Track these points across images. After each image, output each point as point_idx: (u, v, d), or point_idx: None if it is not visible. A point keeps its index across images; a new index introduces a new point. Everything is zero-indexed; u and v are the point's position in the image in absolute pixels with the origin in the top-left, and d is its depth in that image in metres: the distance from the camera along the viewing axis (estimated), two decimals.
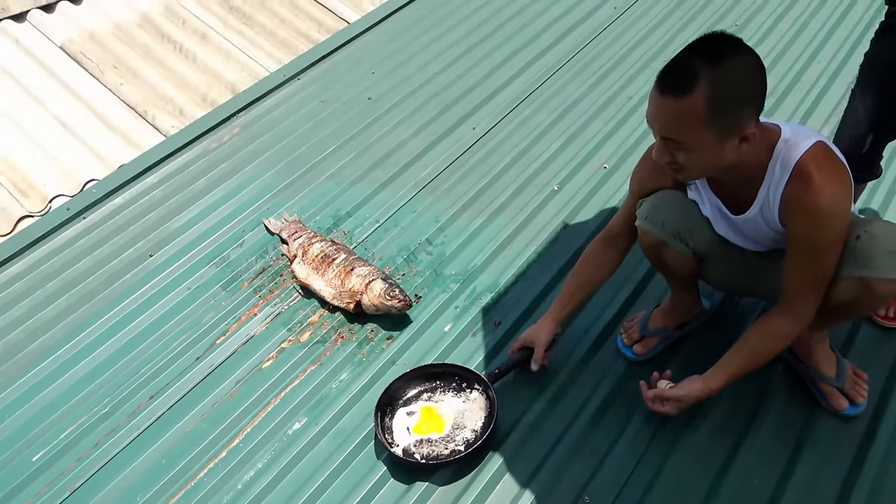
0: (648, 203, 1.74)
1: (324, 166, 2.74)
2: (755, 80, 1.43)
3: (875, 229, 1.53)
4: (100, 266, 2.43)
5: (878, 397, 1.85)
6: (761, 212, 1.58)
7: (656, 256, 1.81)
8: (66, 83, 3.74)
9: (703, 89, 1.37)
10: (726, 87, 1.37)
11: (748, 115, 1.43)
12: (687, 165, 1.48)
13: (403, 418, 1.91)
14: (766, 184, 1.53)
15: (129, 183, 2.74)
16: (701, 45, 1.42)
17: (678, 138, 1.44)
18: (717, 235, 1.74)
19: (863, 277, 1.53)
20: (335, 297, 2.19)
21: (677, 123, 1.42)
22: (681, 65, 1.41)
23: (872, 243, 1.51)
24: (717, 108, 1.38)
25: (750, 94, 1.43)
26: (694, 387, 1.68)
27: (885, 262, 1.50)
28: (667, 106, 1.41)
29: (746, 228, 1.67)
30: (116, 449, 1.93)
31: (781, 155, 1.49)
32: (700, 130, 1.40)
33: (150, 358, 2.14)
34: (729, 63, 1.38)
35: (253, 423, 1.96)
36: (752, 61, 1.41)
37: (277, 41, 4.17)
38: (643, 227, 1.74)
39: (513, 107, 2.94)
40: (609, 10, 3.45)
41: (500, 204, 2.51)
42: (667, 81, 1.41)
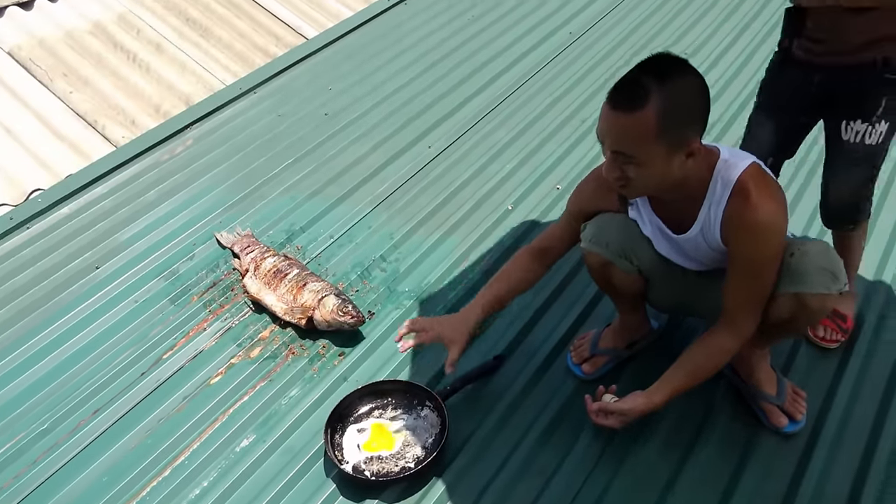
0: (592, 226, 1.78)
1: (279, 180, 2.72)
2: (700, 99, 1.50)
3: (807, 247, 1.61)
4: (43, 277, 2.37)
5: (817, 415, 1.91)
6: (702, 231, 1.64)
7: (603, 277, 1.85)
8: (12, 90, 3.64)
9: (654, 105, 1.42)
10: (675, 104, 1.43)
11: (694, 131, 1.50)
12: (636, 180, 1.52)
13: (354, 435, 1.90)
14: (707, 202, 1.59)
15: (77, 193, 2.68)
16: (651, 63, 1.48)
17: (629, 152, 1.48)
18: (659, 255, 1.78)
19: (797, 293, 1.60)
20: (287, 312, 2.17)
21: (629, 137, 1.47)
22: (632, 82, 1.46)
23: (805, 260, 1.59)
24: (667, 123, 1.43)
25: (696, 112, 1.50)
26: (637, 401, 1.71)
27: (816, 277, 1.58)
28: (619, 120, 1.46)
29: (688, 248, 1.72)
30: (56, 466, 1.87)
31: (721, 174, 1.56)
32: (651, 144, 1.46)
33: (93, 373, 2.09)
34: (677, 81, 1.45)
35: (200, 440, 1.92)
36: (698, 82, 1.49)
37: (234, 54, 4.13)
38: (589, 249, 1.78)
39: (469, 126, 2.97)
40: (564, 35, 3.53)
41: (455, 221, 2.53)
42: (619, 97, 1.46)
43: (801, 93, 1.91)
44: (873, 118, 1.82)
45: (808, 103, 1.92)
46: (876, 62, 1.78)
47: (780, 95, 1.97)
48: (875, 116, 1.82)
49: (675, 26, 3.56)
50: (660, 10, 3.69)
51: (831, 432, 1.87)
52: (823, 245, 1.64)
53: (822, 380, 1.99)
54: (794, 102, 1.94)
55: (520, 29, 3.57)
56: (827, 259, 1.60)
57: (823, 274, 1.58)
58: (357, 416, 1.94)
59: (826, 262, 1.60)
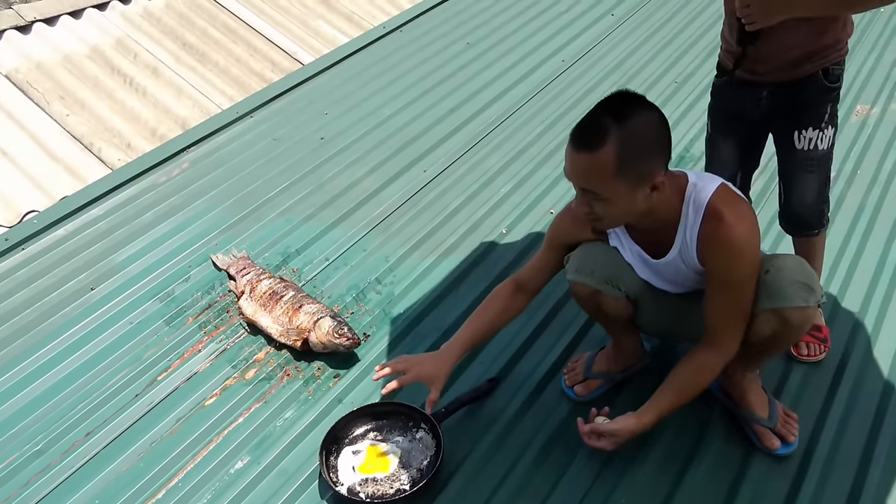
0: (575, 257, 1.82)
1: (274, 203, 2.74)
2: (659, 132, 1.55)
3: (781, 263, 1.66)
4: (38, 298, 2.37)
5: (809, 436, 1.92)
6: (680, 254, 1.68)
7: (593, 306, 1.87)
8: (9, 112, 3.67)
9: (613, 143, 1.49)
10: (633, 141, 1.50)
11: (656, 165, 1.55)
12: (603, 215, 1.60)
13: (349, 457, 1.89)
14: (681, 227, 1.64)
15: (73, 214, 2.69)
16: (609, 103, 1.55)
17: (594, 189, 1.55)
18: (642, 280, 1.81)
19: (776, 308, 1.64)
20: (282, 334, 2.17)
21: (591, 176, 1.54)
22: (592, 122, 1.53)
23: (780, 275, 1.63)
24: (626, 161, 1.50)
25: (655, 146, 1.55)
26: (628, 422, 1.73)
27: (792, 291, 1.62)
28: (581, 160, 1.53)
29: (667, 272, 1.76)
30: (48, 488, 1.86)
31: (692, 198, 1.61)
32: (612, 182, 1.52)
33: (87, 394, 2.08)
34: (634, 119, 1.51)
35: (193, 462, 1.91)
36: (655, 117, 1.54)
37: (231, 79, 4.18)
38: (575, 280, 1.81)
39: (464, 151, 3.01)
40: (557, 63, 3.58)
41: (450, 245, 2.56)
42: (580, 138, 1.54)
43: (751, 107, 2.01)
44: (822, 124, 1.95)
45: (759, 116, 2.02)
46: (816, 74, 1.91)
47: (731, 114, 2.08)
48: (823, 122, 1.95)
49: (666, 55, 3.63)
50: (651, 39, 3.76)
51: (823, 454, 1.89)
52: (796, 259, 1.70)
53: (814, 401, 2.01)
54: (745, 118, 2.04)
55: (513, 56, 3.62)
56: (802, 273, 1.65)
57: (800, 287, 1.63)
58: (352, 438, 1.93)
59: (801, 276, 1.64)
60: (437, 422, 1.91)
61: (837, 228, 2.56)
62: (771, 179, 2.72)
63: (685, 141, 3.02)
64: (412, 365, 1.83)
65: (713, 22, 3.83)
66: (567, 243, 1.85)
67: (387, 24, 3.88)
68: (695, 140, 3.01)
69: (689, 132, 3.07)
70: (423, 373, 1.81)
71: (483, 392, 2.04)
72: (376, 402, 2.01)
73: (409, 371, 1.82)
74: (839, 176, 2.81)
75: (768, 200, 2.65)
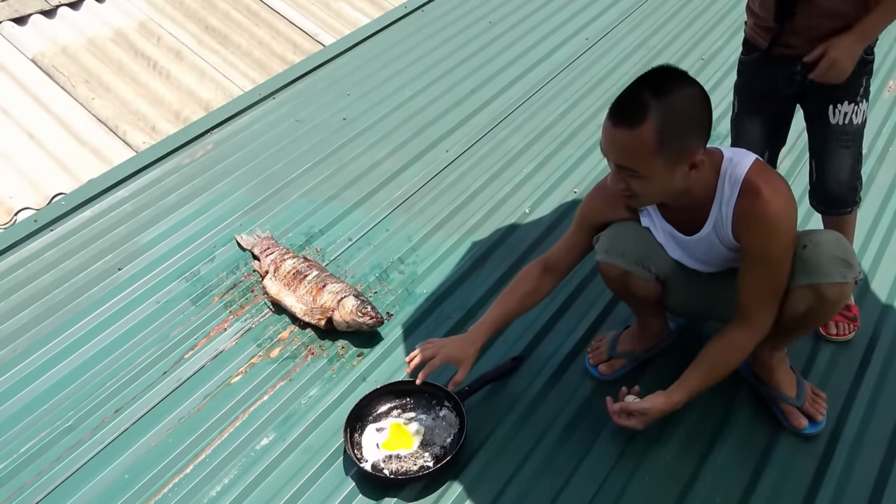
0: (605, 237, 1.79)
1: (297, 184, 2.75)
2: (700, 109, 1.51)
3: (818, 238, 1.63)
4: (66, 279, 2.40)
5: (837, 416, 1.91)
6: (714, 229, 1.65)
7: (622, 287, 1.85)
8: (35, 96, 3.70)
9: (653, 120, 1.45)
10: (674, 118, 1.46)
11: (695, 143, 1.52)
12: (640, 192, 1.57)
13: (373, 434, 1.91)
14: (716, 202, 1.61)
15: (99, 196, 2.72)
16: (649, 78, 1.50)
17: (632, 166, 1.51)
18: (675, 260, 1.79)
19: (812, 284, 1.61)
20: (306, 313, 2.19)
21: (630, 153, 1.50)
22: (631, 97, 1.49)
23: (817, 251, 1.60)
24: (667, 138, 1.46)
25: (696, 124, 1.51)
26: (658, 401, 1.72)
27: (830, 267, 1.60)
28: (620, 136, 1.49)
29: (699, 249, 1.73)
30: (79, 463, 1.90)
31: (728, 173, 1.58)
32: (651, 159, 1.48)
33: (115, 372, 2.11)
34: (675, 95, 1.47)
35: (220, 439, 1.94)
36: (697, 93, 1.50)
37: (253, 61, 4.18)
38: (605, 260, 1.79)
39: (486, 131, 2.99)
40: (581, 41, 3.54)
41: (473, 225, 2.55)
42: (619, 113, 1.49)
43: (784, 83, 1.97)
44: (857, 98, 1.92)
45: (793, 92, 1.98)
46: None
47: (762, 92, 2.04)
48: (859, 96, 1.92)
49: (691, 33, 3.57)
50: (675, 17, 3.70)
51: (852, 434, 1.87)
52: (834, 235, 1.66)
53: (843, 381, 1.99)
54: (776, 94, 2.01)
55: (535, 35, 3.59)
56: (840, 248, 1.62)
57: (838, 263, 1.60)
58: (376, 416, 1.95)
59: (839, 251, 1.61)
60: (461, 399, 1.91)
61: (868, 206, 2.51)
62: (799, 158, 2.69)
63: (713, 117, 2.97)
64: (439, 348, 1.84)
65: None
66: (598, 224, 1.82)
67: (408, 5, 3.85)
68: (722, 117, 2.94)
69: (716, 109, 2.97)
70: (451, 354, 1.82)
71: (507, 371, 2.05)
72: (400, 380, 2.02)
73: (438, 354, 1.83)
74: (870, 153, 2.75)
75: (797, 179, 2.60)
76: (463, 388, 1.94)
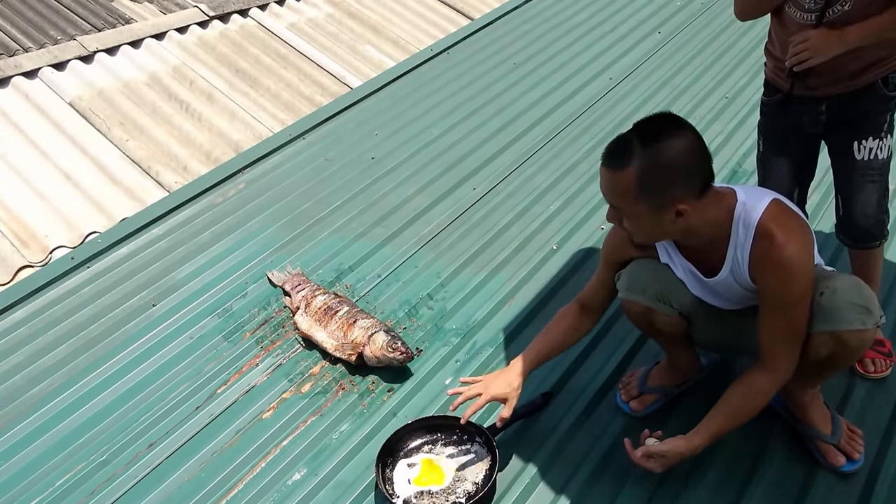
0: (626, 275, 1.81)
1: (328, 222, 2.80)
2: (686, 160, 1.53)
3: (836, 284, 1.62)
4: (102, 314, 2.45)
5: (875, 453, 1.88)
6: (732, 272, 1.66)
7: (646, 323, 1.86)
8: (73, 138, 3.82)
9: (634, 167, 1.51)
10: (655, 166, 1.50)
11: (681, 191, 1.53)
12: (632, 231, 1.64)
13: (404, 470, 1.91)
14: (731, 245, 1.62)
15: (134, 234, 2.78)
16: (645, 124, 1.56)
17: (618, 206, 1.59)
18: (695, 296, 1.80)
19: (833, 332, 1.61)
20: (337, 348, 2.21)
21: (615, 193, 1.58)
22: (621, 142, 1.55)
23: (835, 297, 1.60)
24: (645, 185, 1.51)
25: (679, 175, 1.53)
26: (678, 444, 1.70)
27: (849, 314, 1.59)
28: (606, 176, 1.58)
29: (720, 289, 1.74)
30: (113, 497, 1.91)
31: (742, 217, 1.60)
32: (633, 201, 1.55)
33: (149, 406, 2.14)
34: (662, 145, 1.50)
35: (252, 473, 1.95)
36: (687, 144, 1.52)
37: (282, 103, 4.29)
38: (627, 298, 1.81)
39: (513, 168, 3.03)
40: (605, 80, 3.60)
41: (501, 261, 2.57)
42: (608, 155, 1.57)
43: (810, 122, 2.00)
44: (882, 133, 1.95)
45: (818, 132, 2.02)
46: (876, 84, 1.90)
47: (787, 131, 2.08)
48: (883, 132, 1.95)
49: (715, 71, 3.61)
50: (699, 55, 3.75)
51: (891, 472, 1.83)
52: (853, 280, 1.65)
53: (880, 418, 1.96)
54: (802, 133, 2.04)
55: (560, 76, 3.65)
56: (858, 294, 1.61)
57: (857, 310, 1.59)
58: (407, 451, 1.95)
59: (858, 298, 1.60)
60: (492, 435, 1.91)
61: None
62: (827, 193, 2.68)
63: (737, 156, 3.00)
64: (484, 387, 1.84)
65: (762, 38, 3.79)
66: (620, 261, 1.84)
67: (434, 47, 3.94)
68: (747, 155, 2.98)
69: (740, 147, 3.04)
70: (497, 392, 1.83)
71: (537, 406, 2.04)
72: (431, 415, 2.03)
73: (484, 393, 1.83)
74: None
75: (825, 214, 2.60)
76: (494, 424, 1.94)
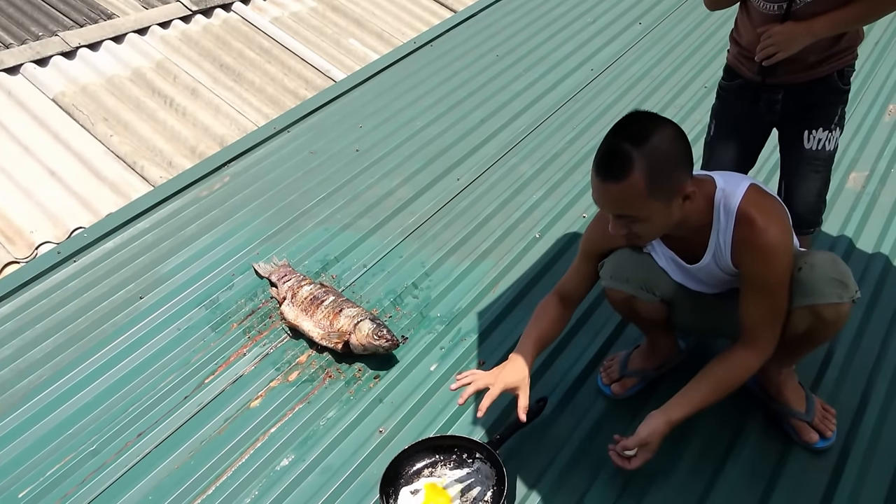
0: (609, 263, 1.85)
1: (313, 214, 2.82)
2: (679, 147, 1.57)
3: (814, 260, 1.67)
4: (89, 308, 2.47)
5: (847, 431, 1.93)
6: (714, 258, 1.71)
7: (628, 310, 1.91)
8: (56, 134, 3.81)
9: (639, 169, 1.51)
10: (657, 161, 1.52)
11: (682, 176, 1.57)
12: (642, 234, 1.63)
13: (408, 498, 1.85)
14: (714, 232, 1.67)
15: (120, 228, 2.79)
16: (625, 127, 1.56)
17: (630, 214, 1.57)
18: (676, 283, 1.84)
19: (811, 306, 1.66)
20: (323, 337, 2.24)
21: (626, 202, 1.55)
22: (613, 151, 1.54)
23: (813, 273, 1.65)
24: (655, 181, 1.52)
25: (678, 160, 1.57)
26: (656, 425, 1.69)
27: (826, 288, 1.64)
28: (611, 190, 1.55)
29: (702, 275, 1.79)
30: (103, 486, 1.94)
31: (722, 204, 1.63)
32: (646, 203, 1.54)
33: (138, 397, 2.16)
34: (654, 139, 1.53)
35: (241, 460, 1.98)
36: (673, 132, 1.56)
37: (266, 97, 4.30)
38: (610, 286, 1.85)
39: (496, 159, 3.07)
40: (586, 71, 3.64)
41: (485, 250, 2.61)
42: (605, 169, 1.55)
43: (766, 110, 2.06)
44: (832, 125, 2.02)
45: (773, 119, 2.09)
46: (831, 76, 1.97)
47: (742, 117, 2.14)
48: (833, 124, 2.02)
49: (694, 61, 3.66)
50: (678, 46, 3.80)
51: (862, 449, 1.89)
52: (829, 256, 1.70)
53: (853, 395, 2.02)
54: (757, 120, 2.11)
55: (542, 67, 3.68)
56: (835, 269, 1.66)
57: (833, 284, 1.64)
58: (408, 478, 1.88)
59: (834, 272, 1.65)
60: (494, 449, 1.87)
61: (872, 226, 2.56)
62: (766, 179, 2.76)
63: None
64: (493, 377, 1.80)
65: None
66: (601, 252, 1.87)
67: (417, 40, 3.97)
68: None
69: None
70: (509, 381, 1.79)
71: (535, 413, 1.98)
72: (427, 437, 1.96)
73: (497, 382, 1.78)
74: (873, 174, 2.81)
75: None
76: (493, 438, 1.92)
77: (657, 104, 3.32)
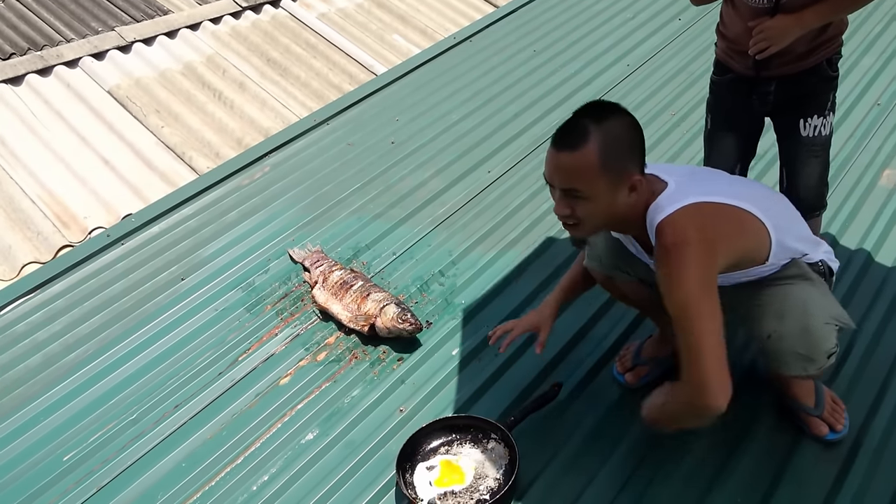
0: (587, 245, 1.95)
1: (347, 203, 2.93)
2: (633, 135, 1.61)
3: (783, 330, 1.68)
4: (134, 288, 2.62)
5: (860, 425, 1.94)
6: None
7: (611, 287, 2.01)
8: (111, 125, 4.01)
9: (594, 142, 1.55)
10: (612, 140, 1.56)
11: (633, 165, 1.60)
12: (584, 216, 1.60)
13: (424, 473, 1.92)
14: None
15: (165, 214, 2.94)
16: (587, 109, 1.62)
17: (577, 187, 1.58)
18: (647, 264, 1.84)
19: (778, 374, 1.77)
20: (351, 320, 2.33)
21: (576, 173, 1.57)
22: (573, 125, 1.60)
23: (781, 344, 1.70)
24: (608, 157, 1.55)
25: (631, 146, 1.60)
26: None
27: (792, 361, 1.72)
28: (564, 160, 1.57)
29: None
30: (141, 452, 2.07)
31: (650, 216, 1.62)
32: (595, 178, 1.56)
33: (176, 372, 2.30)
34: (611, 121, 1.58)
35: (269, 433, 2.09)
36: (629, 121, 1.61)
37: (311, 92, 4.43)
38: (588, 266, 1.96)
39: (528, 152, 3.12)
40: (622, 67, 3.66)
41: (512, 240, 2.67)
42: (562, 139, 1.59)
43: (759, 102, 2.10)
44: (825, 111, 2.06)
45: (767, 110, 2.13)
46: (821, 65, 2.01)
47: (736, 110, 2.18)
48: (826, 110, 2.06)
49: None
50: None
51: (874, 443, 1.90)
52: (800, 327, 1.66)
53: (868, 391, 2.02)
54: (752, 111, 2.14)
55: (578, 63, 3.72)
56: (802, 342, 1.68)
57: (799, 358, 1.70)
58: (424, 454, 1.96)
59: (801, 347, 1.68)
60: (508, 430, 1.94)
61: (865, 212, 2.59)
62: (765, 168, 2.79)
63: None
64: (516, 321, 2.01)
65: None
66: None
67: (457, 35, 4.04)
68: None
69: None
70: (530, 321, 1.99)
71: (549, 397, 2.05)
72: (445, 416, 2.04)
73: (517, 326, 1.98)
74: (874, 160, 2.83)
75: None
76: (508, 419, 1.98)
77: (689, 102, 3.33)
